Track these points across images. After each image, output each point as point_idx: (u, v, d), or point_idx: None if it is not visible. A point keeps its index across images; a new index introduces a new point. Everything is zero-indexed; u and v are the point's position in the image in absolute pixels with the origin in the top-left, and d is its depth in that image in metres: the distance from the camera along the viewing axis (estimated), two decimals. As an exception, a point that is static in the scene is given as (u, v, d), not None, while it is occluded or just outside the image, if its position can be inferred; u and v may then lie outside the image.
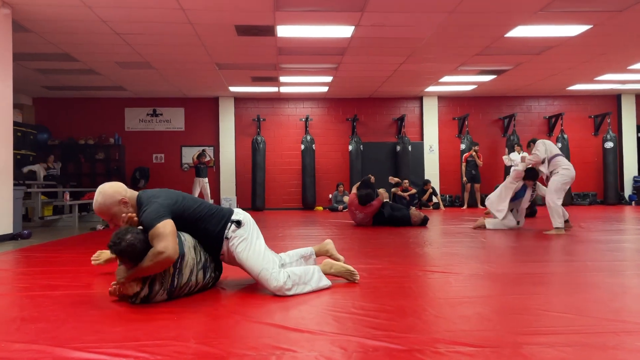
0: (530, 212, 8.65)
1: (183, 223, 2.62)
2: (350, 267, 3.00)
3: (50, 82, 10.55)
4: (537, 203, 9.02)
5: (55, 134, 12.14)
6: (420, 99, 13.05)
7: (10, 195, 6.22)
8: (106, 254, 3.28)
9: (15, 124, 6.89)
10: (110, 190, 2.59)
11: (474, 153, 11.88)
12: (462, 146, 12.34)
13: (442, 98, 13.07)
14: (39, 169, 9.99)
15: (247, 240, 2.70)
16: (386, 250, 4.61)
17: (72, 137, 12.17)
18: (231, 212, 2.79)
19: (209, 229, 2.69)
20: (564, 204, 6.25)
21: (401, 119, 12.68)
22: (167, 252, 2.38)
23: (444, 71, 10.17)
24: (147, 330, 2.05)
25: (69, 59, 8.70)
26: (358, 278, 2.99)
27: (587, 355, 1.76)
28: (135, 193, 2.67)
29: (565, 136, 12.46)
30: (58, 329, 2.09)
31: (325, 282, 2.82)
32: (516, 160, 11.56)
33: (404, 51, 8.52)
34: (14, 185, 6.43)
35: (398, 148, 12.54)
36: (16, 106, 7.92)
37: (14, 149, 6.48)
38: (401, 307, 2.41)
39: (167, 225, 2.45)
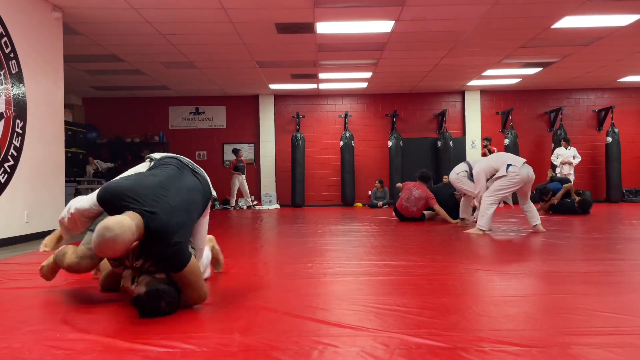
0: (584, 210, 8.33)
1: None
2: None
3: (98, 82, 10.95)
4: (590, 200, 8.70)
5: (104, 132, 12.59)
6: (462, 93, 12.80)
7: (63, 191, 6.50)
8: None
9: (66, 123, 7.17)
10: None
11: (486, 150, 11.16)
12: (507, 141, 12.02)
13: (485, 92, 12.77)
14: (92, 164, 10.42)
15: None
16: (428, 248, 4.56)
17: (119, 136, 12.58)
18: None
19: None
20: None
21: (442, 114, 12.47)
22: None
23: (487, 64, 9.93)
24: (193, 322, 2.10)
25: (116, 60, 9.00)
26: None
27: (638, 356, 1.69)
28: None
29: (616, 130, 11.96)
30: (109, 320, 2.18)
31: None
32: (564, 155, 11.19)
33: (446, 45, 8.37)
34: (66, 181, 6.72)
35: (439, 144, 12.35)
36: (67, 106, 8.24)
37: (65, 147, 6.76)
38: (444, 304, 2.39)
39: None
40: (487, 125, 12.71)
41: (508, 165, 5.53)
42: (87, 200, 2.61)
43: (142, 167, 2.66)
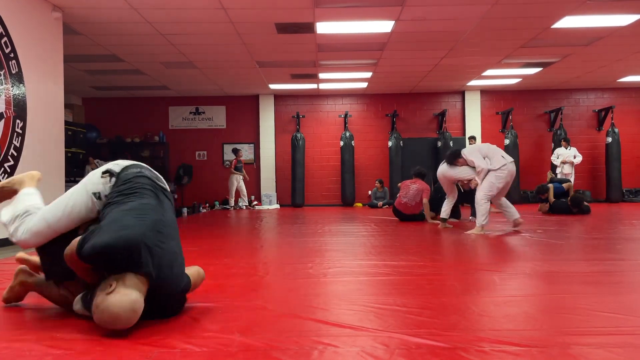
0: (583, 210, 8.31)
1: None
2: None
3: (98, 82, 10.95)
4: (588, 200, 8.68)
5: (104, 132, 12.59)
6: (462, 93, 12.80)
7: (63, 191, 6.49)
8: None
9: (66, 123, 7.17)
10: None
11: None
12: (507, 141, 12.01)
13: (485, 92, 12.77)
14: (92, 164, 10.41)
15: None
16: (428, 248, 4.56)
17: (120, 136, 12.58)
18: None
19: None
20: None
21: (442, 114, 12.48)
22: None
23: (487, 65, 9.93)
24: (193, 322, 2.10)
25: (116, 60, 9.00)
26: None
27: (638, 357, 1.69)
28: None
29: (616, 130, 11.96)
30: (109, 320, 2.17)
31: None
32: (564, 155, 11.18)
33: (446, 45, 8.37)
34: (65, 181, 6.72)
35: (439, 144, 12.35)
36: (67, 106, 8.24)
37: (65, 147, 6.76)
38: (444, 304, 2.39)
39: None
40: (487, 125, 12.72)
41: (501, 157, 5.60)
42: (42, 227, 2.22)
43: (97, 183, 2.24)
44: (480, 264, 3.61)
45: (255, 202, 12.30)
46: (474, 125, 12.70)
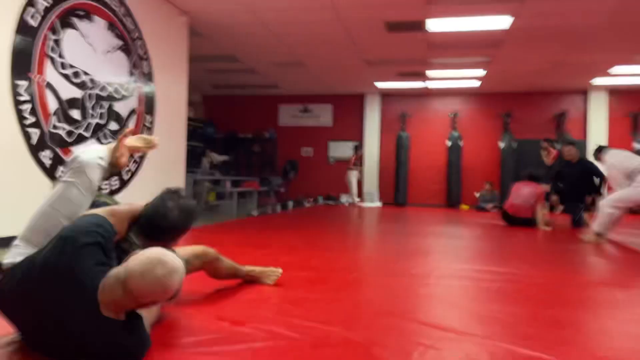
0: None
1: None
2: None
3: (216, 81, 11.69)
4: None
5: (219, 128, 13.42)
6: (585, 92, 11.80)
7: (183, 181, 7.04)
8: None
9: (187, 118, 7.75)
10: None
11: (544, 152, 9.67)
12: (637, 145, 10.86)
13: (613, 91, 11.65)
14: (209, 158, 11.15)
15: None
16: (540, 256, 4.29)
17: (233, 131, 13.33)
18: None
19: None
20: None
21: (562, 115, 11.60)
22: None
23: (615, 61, 9.06)
24: (298, 312, 2.18)
25: (233, 60, 9.55)
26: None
27: None
28: None
29: None
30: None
31: None
32: None
33: (568, 41, 7.78)
34: (186, 172, 7.28)
35: (557, 146, 11.50)
36: (189, 103, 8.89)
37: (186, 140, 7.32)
38: (557, 317, 2.23)
39: None
40: (615, 128, 11.58)
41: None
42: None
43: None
44: (600, 277, 3.33)
45: (358, 199, 12.38)
46: (598, 127, 11.64)
